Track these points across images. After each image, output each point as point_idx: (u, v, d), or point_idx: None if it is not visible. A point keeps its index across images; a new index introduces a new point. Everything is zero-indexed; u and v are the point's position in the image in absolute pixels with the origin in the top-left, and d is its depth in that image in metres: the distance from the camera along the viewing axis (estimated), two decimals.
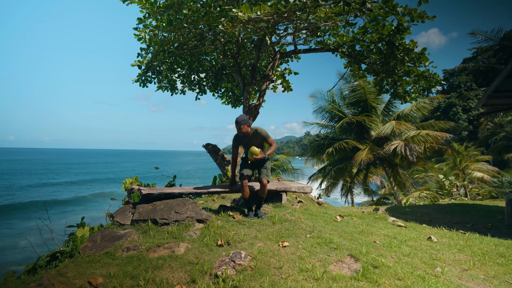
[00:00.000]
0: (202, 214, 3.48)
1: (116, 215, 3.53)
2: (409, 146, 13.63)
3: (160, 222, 3.30)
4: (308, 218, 3.98)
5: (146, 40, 6.60)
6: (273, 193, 4.83)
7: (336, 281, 2.14)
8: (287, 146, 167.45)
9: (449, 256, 2.87)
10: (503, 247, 3.25)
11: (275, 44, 7.67)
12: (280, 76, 9.25)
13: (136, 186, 4.34)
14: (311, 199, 6.26)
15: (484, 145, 28.81)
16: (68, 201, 28.31)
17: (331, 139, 16.63)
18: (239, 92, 9.51)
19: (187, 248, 2.71)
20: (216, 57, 8.66)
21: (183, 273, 2.28)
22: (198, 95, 9.29)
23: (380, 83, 7.38)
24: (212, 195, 5.70)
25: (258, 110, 7.73)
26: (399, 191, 15.13)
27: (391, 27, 5.95)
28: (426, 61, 6.29)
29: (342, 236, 3.22)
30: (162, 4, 5.38)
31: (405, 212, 6.71)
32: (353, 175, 17.20)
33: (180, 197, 3.79)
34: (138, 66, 7.21)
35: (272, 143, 3.92)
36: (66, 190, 35.86)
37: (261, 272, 2.26)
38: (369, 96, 15.11)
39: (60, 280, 2.21)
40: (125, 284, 2.14)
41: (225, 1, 5.55)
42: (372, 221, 4.34)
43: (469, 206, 8.18)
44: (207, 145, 7.80)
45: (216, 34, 6.78)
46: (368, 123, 14.91)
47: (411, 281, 2.17)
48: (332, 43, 7.34)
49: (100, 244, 2.86)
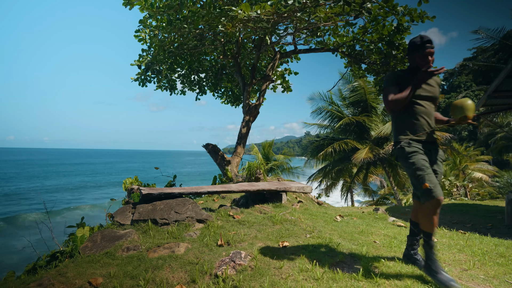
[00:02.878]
0: (202, 214, 3.48)
1: (116, 215, 3.53)
2: None
3: (160, 222, 3.30)
4: (308, 218, 3.98)
5: (146, 40, 6.61)
6: (273, 193, 4.83)
7: (336, 281, 2.14)
8: (287, 146, 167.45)
9: (449, 256, 2.87)
10: (503, 247, 3.25)
11: (275, 44, 7.67)
12: (280, 76, 9.25)
13: (136, 186, 4.34)
14: (311, 199, 6.26)
15: (484, 145, 28.81)
16: (68, 201, 28.30)
17: (331, 139, 16.63)
18: (239, 92, 9.51)
19: (187, 248, 2.71)
20: (216, 57, 8.66)
21: (183, 273, 2.28)
22: (198, 95, 9.29)
23: (380, 83, 7.39)
24: (212, 195, 5.70)
25: (258, 110, 7.73)
26: (399, 191, 15.13)
27: (391, 27, 5.96)
28: None
29: (342, 236, 3.22)
30: (162, 5, 5.39)
31: (405, 212, 6.71)
32: (353, 175, 17.20)
33: (180, 197, 3.79)
34: (138, 66, 7.21)
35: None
36: (66, 190, 35.83)
37: (261, 272, 2.26)
38: (369, 96, 15.11)
39: (60, 280, 2.21)
40: (125, 284, 2.14)
41: (225, 1, 5.55)
42: (372, 221, 4.34)
43: (469, 206, 8.19)
44: (207, 145, 7.81)
45: (216, 34, 6.78)
46: (368, 123, 14.91)
47: (411, 281, 2.17)
48: (332, 43, 7.34)
49: (100, 244, 2.86)
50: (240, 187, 4.41)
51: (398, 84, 2.35)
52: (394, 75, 2.41)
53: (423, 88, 2.32)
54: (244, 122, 7.61)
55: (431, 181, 2.08)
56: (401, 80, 2.35)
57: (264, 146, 17.70)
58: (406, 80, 2.33)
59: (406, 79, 2.34)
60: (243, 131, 7.59)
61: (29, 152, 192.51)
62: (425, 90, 2.33)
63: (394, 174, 15.13)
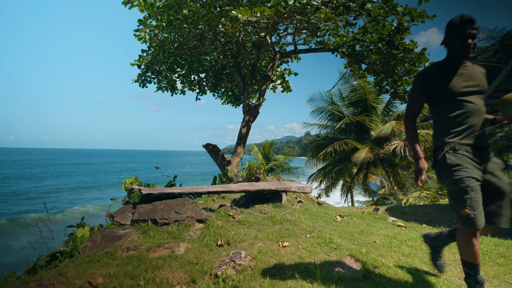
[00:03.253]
0: (202, 214, 3.48)
1: (116, 215, 3.53)
2: (409, 147, 13.64)
3: (160, 222, 3.30)
4: (308, 218, 3.98)
5: (146, 40, 6.61)
6: (273, 193, 4.83)
7: (336, 281, 2.14)
8: (287, 146, 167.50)
9: (449, 256, 2.87)
10: (503, 247, 3.25)
11: (275, 44, 7.67)
12: (280, 76, 9.25)
13: (136, 186, 4.34)
14: (311, 199, 6.26)
15: None
16: (68, 201, 28.31)
17: (331, 139, 16.64)
18: (239, 92, 9.51)
19: (187, 248, 2.71)
20: (216, 57, 8.66)
21: (183, 273, 2.29)
22: (198, 95, 9.30)
23: (380, 83, 7.39)
24: (212, 195, 5.70)
25: (258, 110, 7.73)
26: (399, 191, 15.13)
27: (391, 27, 5.96)
28: (426, 62, 6.31)
29: (342, 236, 3.22)
30: (162, 5, 5.39)
31: (405, 212, 6.71)
32: (353, 175, 17.21)
33: (180, 197, 3.79)
34: (138, 66, 7.22)
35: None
36: (66, 190, 35.85)
37: (261, 272, 2.26)
38: (369, 96, 15.12)
39: (60, 280, 2.21)
40: (125, 284, 2.14)
41: (225, 1, 5.56)
42: (372, 221, 4.34)
43: None
44: (207, 145, 7.81)
45: (216, 34, 6.78)
46: (368, 123, 14.92)
47: (411, 281, 2.17)
48: (332, 43, 7.34)
49: (100, 244, 2.86)
50: (240, 187, 4.41)
51: (430, 84, 1.93)
52: (424, 75, 1.98)
53: (467, 80, 1.88)
54: (244, 122, 7.62)
55: (473, 207, 1.71)
56: (434, 78, 1.93)
57: (264, 146, 17.71)
58: (440, 77, 1.91)
59: (440, 75, 1.91)
60: (243, 131, 7.59)
61: (29, 152, 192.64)
62: (470, 81, 1.88)
63: (394, 174, 15.14)
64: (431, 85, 1.93)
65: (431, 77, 1.94)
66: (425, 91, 1.97)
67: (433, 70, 1.96)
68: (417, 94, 2.01)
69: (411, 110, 2.06)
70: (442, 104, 1.92)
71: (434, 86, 1.92)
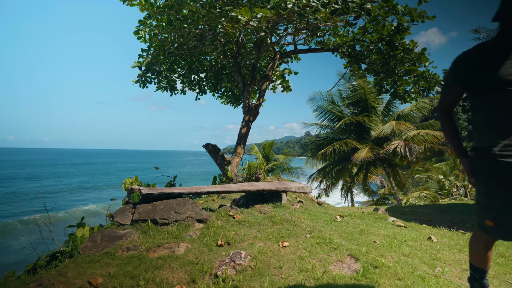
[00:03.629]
0: (202, 214, 3.48)
1: (116, 215, 3.53)
2: (409, 146, 13.65)
3: (160, 222, 3.30)
4: (308, 218, 3.98)
5: (146, 39, 6.61)
6: (273, 193, 4.83)
7: (336, 281, 2.14)
8: (287, 146, 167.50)
9: (449, 256, 2.87)
10: (503, 247, 3.25)
11: (275, 44, 7.67)
12: (280, 76, 9.26)
13: (136, 186, 4.34)
14: (311, 199, 6.26)
15: None
16: (68, 201, 28.31)
17: (331, 139, 16.64)
18: (239, 92, 9.52)
19: (187, 248, 2.71)
20: (216, 57, 8.67)
21: (183, 273, 2.28)
22: (198, 95, 9.30)
23: (380, 83, 7.39)
24: (212, 195, 5.70)
25: (258, 110, 7.73)
26: (399, 191, 15.13)
27: (391, 27, 5.96)
28: (426, 61, 6.31)
29: (342, 236, 3.22)
30: (162, 5, 5.39)
31: (405, 212, 6.70)
32: (353, 175, 17.21)
33: (180, 197, 3.79)
34: (139, 67, 7.22)
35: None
36: (66, 190, 35.84)
37: (261, 272, 2.26)
38: (369, 96, 15.12)
39: (60, 280, 2.21)
40: (125, 284, 2.14)
41: (225, 1, 5.56)
42: (372, 221, 4.34)
43: (469, 206, 8.18)
44: (207, 145, 7.81)
45: (216, 34, 6.79)
46: (368, 123, 14.92)
47: (411, 281, 2.17)
48: (332, 43, 7.34)
49: (100, 244, 2.86)
50: (240, 187, 4.41)
51: (470, 71, 1.54)
52: (462, 61, 1.59)
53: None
54: (244, 122, 7.62)
55: (498, 219, 1.50)
56: (477, 63, 1.53)
57: (264, 146, 17.72)
58: (485, 62, 1.50)
59: (486, 59, 1.50)
60: (243, 131, 7.59)
61: (29, 152, 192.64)
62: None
63: (394, 174, 15.13)
64: (471, 72, 1.55)
65: (472, 62, 1.55)
66: (462, 79, 1.59)
67: (476, 52, 1.55)
68: (452, 83, 1.65)
69: (444, 103, 1.74)
70: (486, 95, 1.54)
71: (474, 75, 1.54)
